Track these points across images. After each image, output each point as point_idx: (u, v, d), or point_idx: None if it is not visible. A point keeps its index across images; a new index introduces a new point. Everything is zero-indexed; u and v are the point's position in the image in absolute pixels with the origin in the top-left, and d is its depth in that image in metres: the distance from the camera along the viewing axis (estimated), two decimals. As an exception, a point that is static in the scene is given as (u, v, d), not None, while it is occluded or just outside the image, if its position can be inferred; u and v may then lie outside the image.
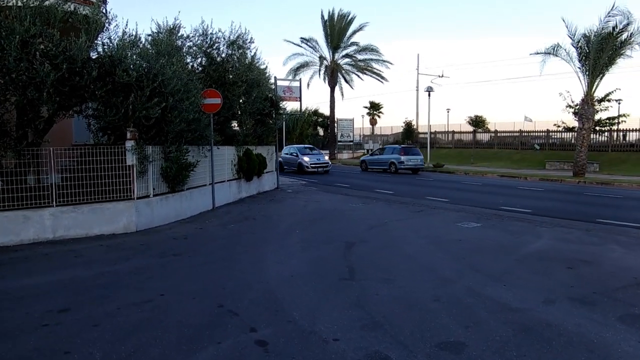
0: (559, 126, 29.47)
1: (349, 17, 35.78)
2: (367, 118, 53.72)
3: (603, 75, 21.07)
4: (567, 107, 27.22)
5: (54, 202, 9.04)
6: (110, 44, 9.39)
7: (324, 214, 12.48)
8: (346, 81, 37.67)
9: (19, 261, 7.46)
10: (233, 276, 6.61)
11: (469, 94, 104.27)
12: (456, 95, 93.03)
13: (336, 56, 37.01)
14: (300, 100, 19.34)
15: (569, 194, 17.32)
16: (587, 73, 21.22)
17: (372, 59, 36.58)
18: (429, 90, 29.32)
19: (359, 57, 36.65)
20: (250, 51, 14.83)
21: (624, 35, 20.10)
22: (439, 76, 41.51)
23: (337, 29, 35.34)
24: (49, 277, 6.51)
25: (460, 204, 14.49)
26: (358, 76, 37.65)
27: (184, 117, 10.37)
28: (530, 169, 27.75)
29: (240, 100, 14.52)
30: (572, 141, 33.10)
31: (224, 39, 14.39)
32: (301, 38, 38.02)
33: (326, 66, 36.63)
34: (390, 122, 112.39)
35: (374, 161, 29.15)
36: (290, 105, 25.05)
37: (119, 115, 9.06)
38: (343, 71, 37.39)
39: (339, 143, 38.78)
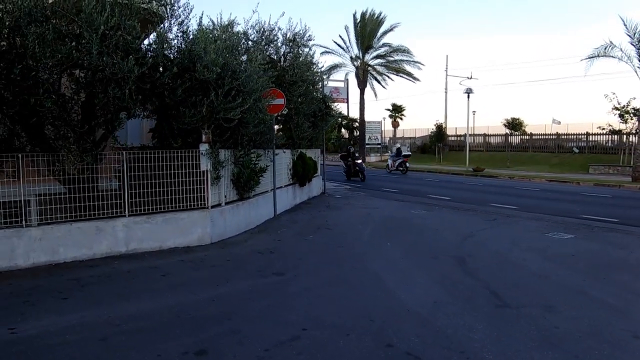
0: (603, 129, 28.40)
1: (380, 18, 34.83)
2: (389, 120, 52.73)
3: (666, 74, 20.09)
4: (613, 109, 26.13)
5: (127, 212, 8.16)
6: (187, 38, 8.50)
7: (396, 223, 11.52)
8: (378, 82, 36.73)
9: (104, 281, 6.55)
10: (367, 302, 5.67)
11: (497, 96, 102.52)
12: (484, 97, 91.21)
13: (366, 57, 36.05)
14: (348, 102, 18.41)
15: (641, 200, 16.26)
16: (648, 72, 20.21)
17: (403, 60, 35.61)
18: (469, 92, 28.31)
19: (391, 57, 35.68)
20: (310, 49, 13.96)
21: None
22: (468, 78, 40.52)
23: (368, 29, 34.37)
24: (150, 303, 5.60)
25: (532, 212, 13.46)
26: (389, 77, 36.77)
27: (261, 118, 9.48)
28: (574, 173, 26.60)
29: (299, 101, 13.60)
30: (609, 144, 32.04)
31: (283, 35, 13.50)
32: (336, 39, 37.13)
33: (357, 67, 35.67)
34: (414, 124, 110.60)
35: None
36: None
37: (198, 116, 8.16)
38: (374, 72, 36.43)
39: (366, 146, 37.79)
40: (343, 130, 44.26)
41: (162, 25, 8.31)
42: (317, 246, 8.94)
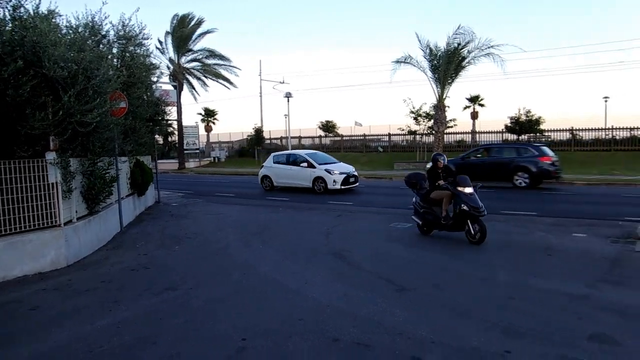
0: (403, 129, 32.57)
1: (199, 21, 33.95)
2: (203, 125, 51.80)
3: (451, 84, 24.02)
4: (410, 112, 30.22)
5: (-43, 239, 6.64)
6: (27, 26, 7.25)
7: (253, 227, 11.49)
8: (192, 87, 35.72)
9: (-47, 326, 5.24)
10: (285, 305, 5.69)
11: (309, 100, 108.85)
12: (297, 101, 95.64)
13: (183, 60, 34.78)
14: (179, 106, 17.61)
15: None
16: (438, 82, 23.84)
17: (219, 64, 35.36)
18: (288, 96, 29.50)
19: (207, 61, 35.09)
20: (148, 48, 13.03)
21: (465, 51, 23.21)
22: (281, 82, 42.26)
23: (186, 32, 33.19)
24: (39, 345, 4.70)
25: (367, 206, 14.79)
26: (205, 82, 36.09)
27: (115, 122, 8.60)
28: (383, 170, 29.86)
29: (137, 104, 12.61)
30: (404, 143, 36.89)
31: (115, 31, 12.34)
32: (159, 40, 34.74)
33: (173, 70, 34.13)
34: (229, 128, 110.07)
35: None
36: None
37: (49, 120, 7.04)
38: (190, 76, 35.35)
39: (185, 152, 36.49)
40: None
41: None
42: (191, 257, 8.48)
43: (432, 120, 26.21)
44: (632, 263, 7.27)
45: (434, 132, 25.50)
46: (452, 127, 30.74)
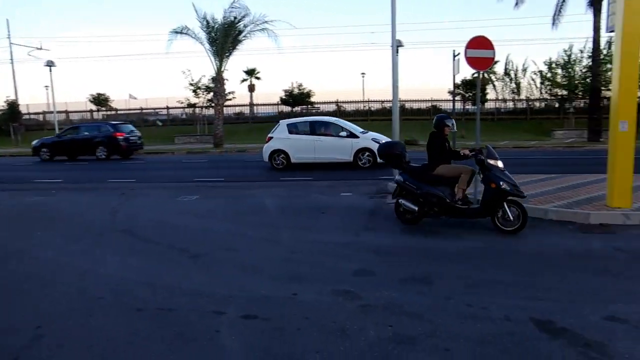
0: (182, 102, 31.90)
1: None
2: None
3: (229, 57, 24.53)
4: (189, 84, 29.80)
5: None
6: None
7: (23, 213, 10.41)
8: None
9: None
10: (78, 287, 5.53)
11: (77, 71, 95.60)
12: (61, 71, 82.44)
13: None
14: None
15: (232, 162, 19.80)
16: (216, 55, 24.06)
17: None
18: (50, 64, 25.79)
19: None
20: None
21: (242, 25, 23.90)
22: (38, 48, 36.95)
23: None
24: None
25: (151, 182, 14.55)
26: None
27: None
28: (165, 145, 29.17)
29: None
30: (184, 116, 36.59)
31: None
32: None
33: None
34: None
35: None
36: None
37: None
38: None
39: None
40: None
41: None
42: None
43: (212, 93, 26.61)
44: (383, 212, 8.98)
45: (213, 104, 25.94)
46: (231, 99, 31.55)
